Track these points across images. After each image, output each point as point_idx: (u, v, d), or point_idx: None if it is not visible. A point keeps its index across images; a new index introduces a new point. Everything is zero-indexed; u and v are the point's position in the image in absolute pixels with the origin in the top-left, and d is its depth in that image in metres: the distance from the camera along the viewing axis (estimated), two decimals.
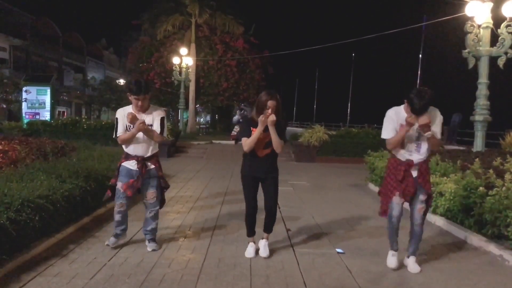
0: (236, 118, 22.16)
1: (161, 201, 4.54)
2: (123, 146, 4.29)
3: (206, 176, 10.13)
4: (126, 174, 4.21)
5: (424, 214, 4.02)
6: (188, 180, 9.40)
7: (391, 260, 4.05)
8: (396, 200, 3.95)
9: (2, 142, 6.69)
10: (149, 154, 4.26)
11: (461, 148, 10.69)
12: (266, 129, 4.03)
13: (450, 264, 4.27)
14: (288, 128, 33.27)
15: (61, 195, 4.64)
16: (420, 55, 30.06)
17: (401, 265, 4.07)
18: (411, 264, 4.04)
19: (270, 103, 4.00)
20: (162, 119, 4.27)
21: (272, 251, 4.36)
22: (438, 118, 3.88)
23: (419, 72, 30.14)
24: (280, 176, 4.38)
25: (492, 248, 4.60)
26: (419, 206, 3.96)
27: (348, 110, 42.36)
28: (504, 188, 5.01)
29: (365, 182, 9.28)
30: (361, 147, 13.09)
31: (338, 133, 15.69)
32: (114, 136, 4.29)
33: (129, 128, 4.17)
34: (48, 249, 4.20)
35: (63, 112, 35.68)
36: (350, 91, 44.46)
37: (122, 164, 4.25)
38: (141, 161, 4.20)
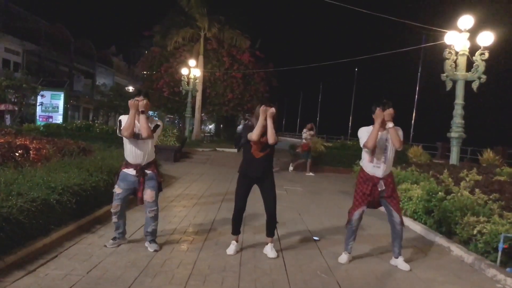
0: (240, 127, 23.19)
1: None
2: (125, 154, 4.66)
3: (209, 179, 11.14)
4: (123, 179, 4.62)
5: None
6: (193, 182, 10.39)
7: (344, 257, 4.70)
8: (360, 212, 4.66)
9: (34, 141, 7.72)
10: (145, 162, 4.61)
11: (441, 161, 11.63)
12: (263, 134, 4.50)
13: (411, 253, 5.18)
14: (290, 139, 33.53)
15: (90, 185, 5.67)
16: (419, 73, 31.35)
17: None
18: (401, 262, 4.59)
19: (271, 110, 4.48)
20: (156, 125, 4.65)
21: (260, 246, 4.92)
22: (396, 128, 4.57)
23: (417, 87, 31.48)
24: (276, 181, 4.77)
25: (443, 241, 5.58)
26: (395, 208, 4.56)
27: (350, 123, 43.26)
28: (459, 194, 6.00)
29: (353, 188, 10.17)
30: (355, 158, 13.83)
31: (334, 145, 16.67)
32: (118, 133, 4.63)
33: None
34: (80, 227, 5.18)
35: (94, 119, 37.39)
36: (352, 104, 45.54)
37: (122, 170, 4.67)
38: (140, 170, 4.58)
